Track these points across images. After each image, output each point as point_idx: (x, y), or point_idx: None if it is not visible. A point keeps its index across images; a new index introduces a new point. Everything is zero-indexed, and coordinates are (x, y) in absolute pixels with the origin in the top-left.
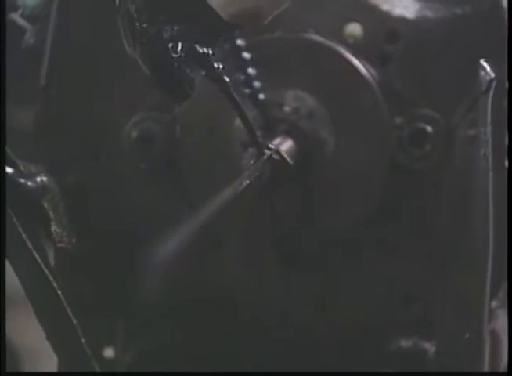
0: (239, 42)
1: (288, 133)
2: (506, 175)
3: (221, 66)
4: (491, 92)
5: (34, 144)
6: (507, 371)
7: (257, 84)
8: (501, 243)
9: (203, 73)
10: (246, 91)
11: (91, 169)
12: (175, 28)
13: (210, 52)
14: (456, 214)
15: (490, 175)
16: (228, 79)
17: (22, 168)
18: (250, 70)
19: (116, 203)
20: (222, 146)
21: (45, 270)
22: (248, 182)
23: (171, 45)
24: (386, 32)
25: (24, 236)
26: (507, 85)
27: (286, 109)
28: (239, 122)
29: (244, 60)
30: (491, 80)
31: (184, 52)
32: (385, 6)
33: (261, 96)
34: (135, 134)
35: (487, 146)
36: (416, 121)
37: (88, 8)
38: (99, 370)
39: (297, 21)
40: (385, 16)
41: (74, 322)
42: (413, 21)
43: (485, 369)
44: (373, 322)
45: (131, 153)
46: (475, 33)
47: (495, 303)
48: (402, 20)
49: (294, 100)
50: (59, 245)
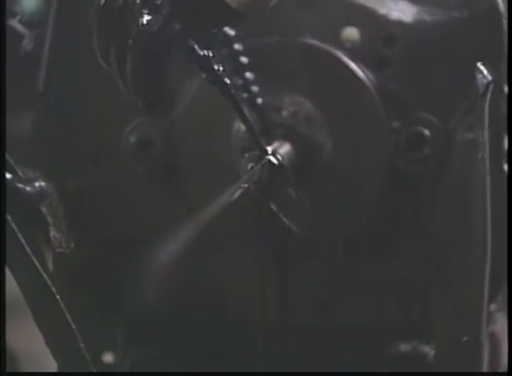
0: (237, 47)
1: (286, 137)
2: (505, 177)
3: (221, 69)
4: (488, 96)
5: (32, 150)
6: (507, 371)
7: (255, 88)
8: (499, 246)
9: (204, 75)
10: (245, 95)
11: (90, 174)
12: (179, 24)
13: (211, 54)
14: (454, 217)
15: (488, 178)
16: (228, 81)
17: (20, 173)
18: (248, 75)
19: (114, 207)
20: (220, 151)
21: (44, 275)
22: (246, 185)
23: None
24: (383, 36)
25: (23, 241)
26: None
27: (284, 113)
28: (238, 126)
29: (242, 65)
30: (488, 83)
31: (185, 54)
32: (382, 10)
33: (259, 101)
34: (133, 139)
35: (484, 150)
36: (413, 125)
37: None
38: None
39: (294, 26)
40: (382, 20)
41: (73, 327)
42: (410, 25)
43: (484, 371)
44: (372, 325)
45: (130, 158)
46: (472, 36)
47: (493, 306)
48: (399, 24)
49: (292, 105)
50: (58, 250)
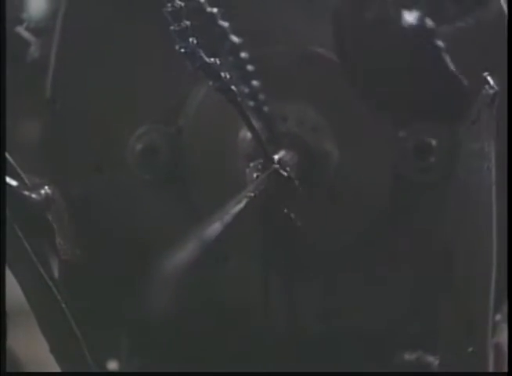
0: (243, 55)
1: (292, 146)
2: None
3: (228, 76)
4: (494, 105)
5: (39, 157)
6: (507, 371)
7: (261, 97)
8: (504, 256)
9: (211, 83)
10: (251, 103)
11: (96, 181)
12: None
13: (218, 61)
14: (459, 226)
15: (494, 188)
16: (235, 89)
17: (26, 180)
18: (254, 83)
19: (120, 215)
20: (227, 159)
21: (49, 283)
22: (252, 194)
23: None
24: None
25: (29, 248)
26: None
27: (290, 122)
28: (244, 135)
29: (249, 73)
30: (494, 93)
31: (192, 61)
32: None
33: (265, 109)
34: (139, 146)
35: (490, 159)
36: (419, 134)
37: (92, 21)
38: None
39: (300, 34)
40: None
41: (78, 335)
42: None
43: None
44: (376, 334)
45: (136, 166)
46: (478, 46)
47: (498, 317)
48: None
49: (298, 113)
50: (64, 257)
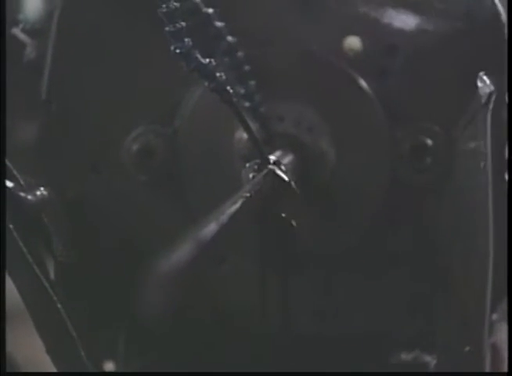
0: (239, 55)
1: (288, 147)
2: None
3: (223, 77)
4: (490, 105)
5: (34, 158)
6: (507, 371)
7: (257, 97)
8: (502, 256)
9: (206, 83)
10: (247, 104)
11: (92, 183)
12: None
13: (213, 62)
14: (456, 227)
15: (490, 188)
16: (231, 90)
17: (22, 181)
18: (250, 84)
19: (116, 216)
20: (223, 160)
21: (46, 284)
22: (249, 195)
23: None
24: (385, 46)
25: (25, 249)
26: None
27: (287, 122)
28: (240, 135)
29: (245, 73)
30: (490, 93)
31: (187, 62)
32: (384, 20)
33: (261, 110)
34: (135, 147)
35: (487, 159)
36: (416, 135)
37: (88, 22)
38: None
39: (296, 35)
40: (384, 30)
41: (74, 335)
42: (412, 35)
43: None
44: (373, 335)
45: (132, 167)
46: (474, 46)
47: (495, 316)
48: (401, 34)
49: (294, 114)
50: (60, 259)
